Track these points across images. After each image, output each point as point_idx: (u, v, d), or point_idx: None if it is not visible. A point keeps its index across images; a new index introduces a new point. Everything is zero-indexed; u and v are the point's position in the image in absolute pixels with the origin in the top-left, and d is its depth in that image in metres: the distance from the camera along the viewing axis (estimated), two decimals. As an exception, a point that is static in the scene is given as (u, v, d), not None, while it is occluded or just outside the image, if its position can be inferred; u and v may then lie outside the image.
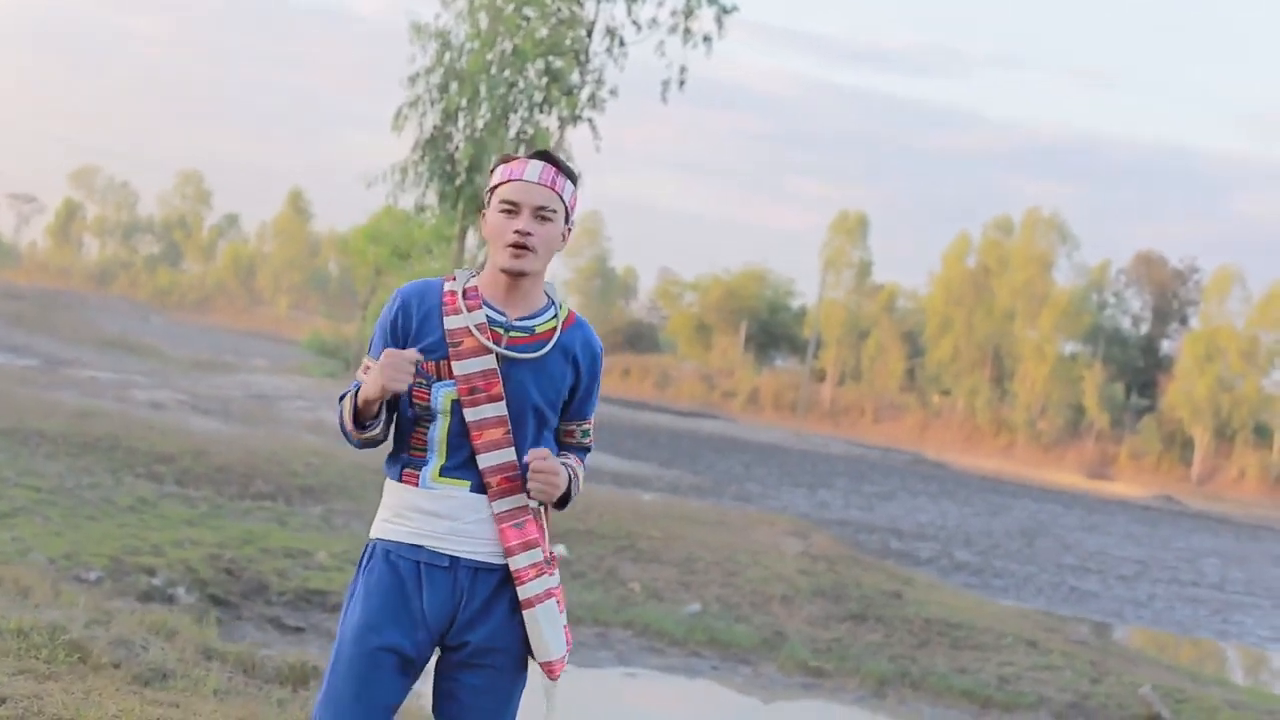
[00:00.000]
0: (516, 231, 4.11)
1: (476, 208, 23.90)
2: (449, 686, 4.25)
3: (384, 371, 4.01)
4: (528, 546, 4.16)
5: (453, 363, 4.12)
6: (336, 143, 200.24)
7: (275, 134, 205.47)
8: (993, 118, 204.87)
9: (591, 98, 24.25)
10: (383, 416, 4.17)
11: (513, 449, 4.15)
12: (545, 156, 4.24)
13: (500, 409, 4.13)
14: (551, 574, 4.25)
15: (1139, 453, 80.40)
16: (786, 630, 15.99)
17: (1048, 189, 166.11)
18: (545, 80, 23.95)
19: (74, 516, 15.39)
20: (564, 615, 4.32)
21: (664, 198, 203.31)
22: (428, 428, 4.17)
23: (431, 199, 24.38)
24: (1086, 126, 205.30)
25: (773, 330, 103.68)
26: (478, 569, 4.15)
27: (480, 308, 4.17)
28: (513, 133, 23.97)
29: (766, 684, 14.37)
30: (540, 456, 4.10)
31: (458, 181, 24.04)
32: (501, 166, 4.26)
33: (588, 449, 4.52)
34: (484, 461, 4.13)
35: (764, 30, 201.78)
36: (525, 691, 4.36)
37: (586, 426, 4.45)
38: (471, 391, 4.11)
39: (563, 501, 4.31)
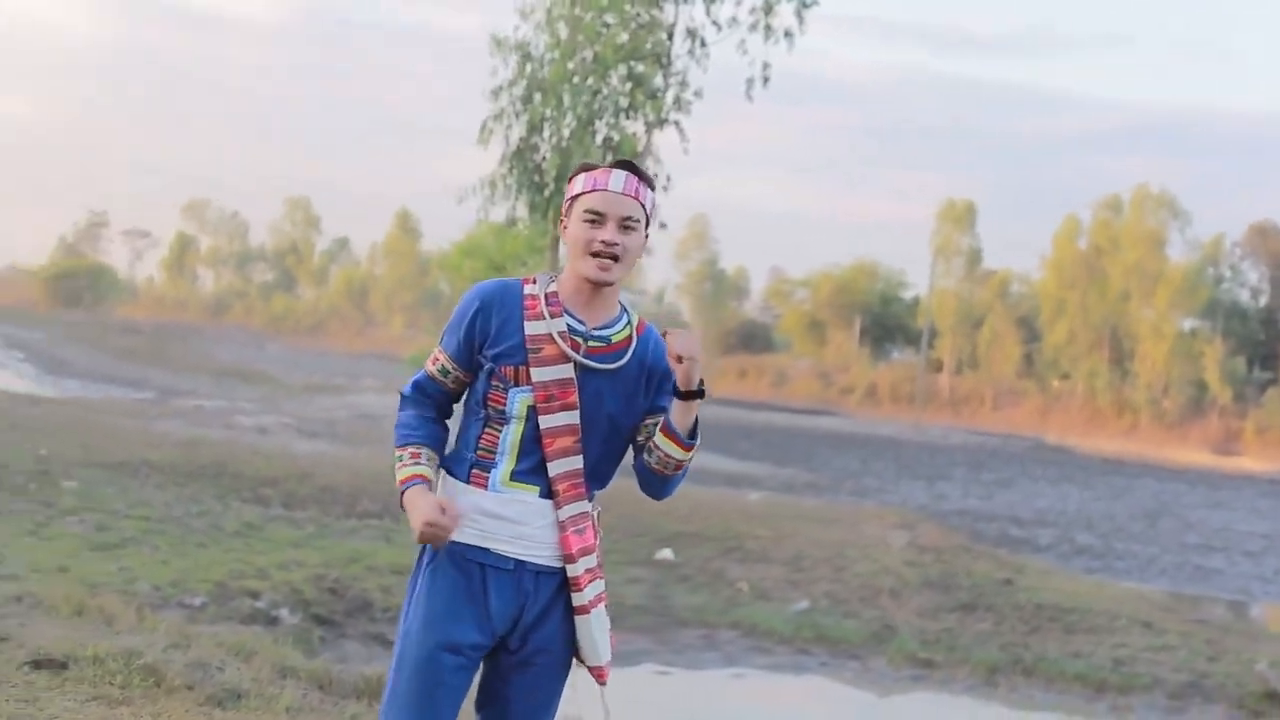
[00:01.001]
0: (603, 242, 4.07)
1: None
2: (499, 686, 4.24)
3: (423, 535, 4.00)
4: (585, 553, 4.15)
5: (531, 369, 4.08)
6: (439, 160, 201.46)
7: (378, 155, 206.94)
8: (1095, 98, 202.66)
9: (676, 100, 24.09)
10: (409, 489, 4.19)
11: (581, 457, 4.13)
12: (627, 166, 4.19)
13: (573, 417, 4.10)
14: (602, 578, 4.24)
15: (1265, 426, 79.04)
16: (895, 623, 15.86)
17: (1155, 166, 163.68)
18: (629, 86, 23.84)
19: (182, 544, 15.55)
20: (609, 620, 4.31)
21: (768, 197, 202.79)
22: (499, 430, 4.13)
23: (522, 210, 24.36)
24: (1192, 101, 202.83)
25: (886, 323, 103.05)
26: (540, 572, 4.14)
27: (562, 315, 4.13)
28: (599, 140, 23.88)
29: (876, 678, 14.27)
30: (682, 334, 4.05)
31: (546, 192, 23.97)
32: (583, 175, 4.20)
33: None
34: (555, 469, 4.11)
35: (854, 22, 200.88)
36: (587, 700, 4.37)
37: None
38: (548, 399, 4.08)
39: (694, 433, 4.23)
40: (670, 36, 24.01)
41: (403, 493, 4.09)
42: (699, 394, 4.13)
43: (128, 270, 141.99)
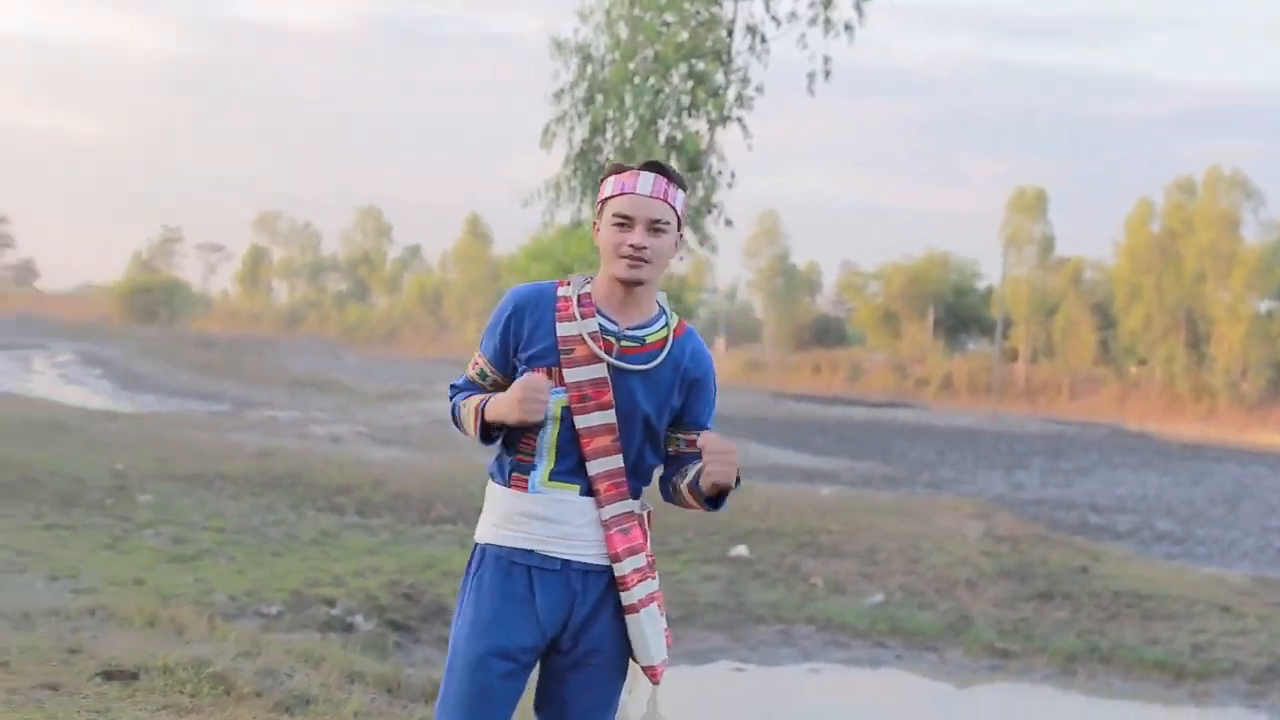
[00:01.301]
0: (632, 245, 4.09)
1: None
2: (554, 688, 4.26)
3: (522, 405, 4.01)
4: (632, 552, 4.15)
5: (564, 370, 4.11)
6: (507, 164, 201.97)
7: (446, 162, 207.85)
8: (1163, 80, 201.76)
9: (738, 97, 24.10)
10: (504, 432, 4.18)
11: (620, 456, 4.14)
12: (656, 167, 4.20)
13: (609, 417, 4.12)
14: (653, 577, 4.23)
15: (1347, 406, 78.31)
16: (971, 614, 15.79)
17: (1227, 148, 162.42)
18: (690, 84, 23.85)
19: (258, 554, 15.66)
20: (664, 619, 4.30)
21: (838, 190, 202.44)
22: (537, 433, 4.15)
23: (587, 212, 24.42)
24: (1264, 81, 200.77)
25: (960, 313, 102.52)
26: (587, 571, 4.15)
27: (594, 315, 4.15)
28: (661, 139, 23.91)
29: (952, 669, 14.21)
30: (713, 438, 4.06)
31: (611, 193, 24.07)
32: (612, 178, 4.23)
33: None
34: (594, 468, 4.12)
35: (917, 13, 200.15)
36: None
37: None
38: (582, 399, 4.10)
39: (720, 500, 4.27)
40: (730, 33, 24.02)
41: (483, 412, 4.12)
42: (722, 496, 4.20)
43: (202, 284, 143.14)
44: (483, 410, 4.11)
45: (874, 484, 30.18)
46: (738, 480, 4.15)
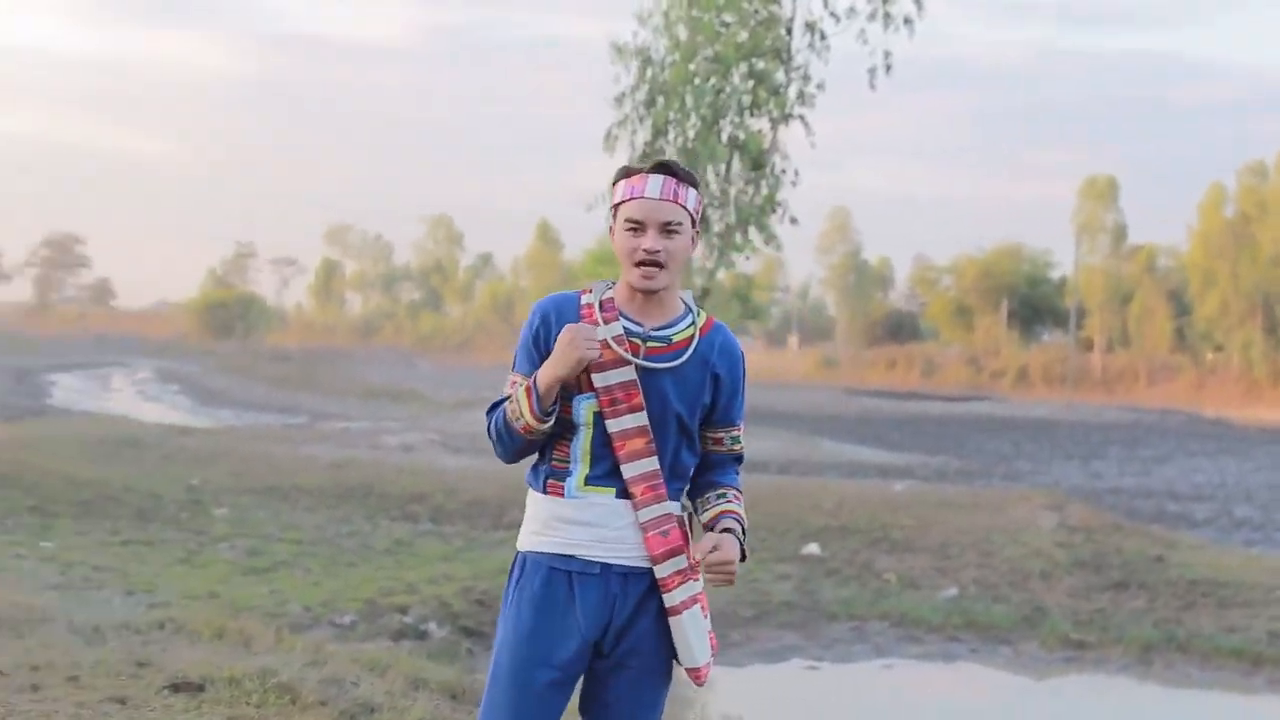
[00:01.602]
0: (645, 250, 4.09)
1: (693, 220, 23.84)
2: (598, 692, 4.27)
3: (575, 344, 4.02)
4: (672, 554, 4.15)
5: (592, 375, 4.11)
6: (575, 170, 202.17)
7: (515, 169, 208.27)
8: (1233, 64, 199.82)
9: (800, 95, 24.01)
10: (558, 405, 4.16)
11: (655, 458, 4.14)
12: (664, 168, 4.17)
13: (641, 419, 4.12)
14: (696, 579, 4.22)
15: None
16: (1046, 605, 15.72)
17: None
18: (751, 83, 23.81)
19: (333, 564, 15.80)
20: (708, 620, 4.30)
21: (908, 185, 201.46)
22: (570, 440, 4.16)
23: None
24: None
25: (1034, 304, 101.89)
26: (627, 574, 4.16)
27: (617, 319, 4.16)
28: (723, 139, 23.88)
29: (1028, 662, 14.14)
30: (708, 549, 4.07)
31: (675, 195, 24.05)
32: (622, 183, 4.22)
33: (740, 458, 4.51)
34: (628, 472, 4.12)
35: (983, 4, 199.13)
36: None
37: (736, 433, 4.41)
38: (612, 403, 4.10)
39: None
40: (789, 31, 23.91)
41: (533, 386, 4.11)
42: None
43: (276, 298, 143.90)
44: (534, 382, 4.11)
45: (949, 478, 30.04)
46: (743, 555, 4.22)
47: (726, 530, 4.21)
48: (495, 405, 4.26)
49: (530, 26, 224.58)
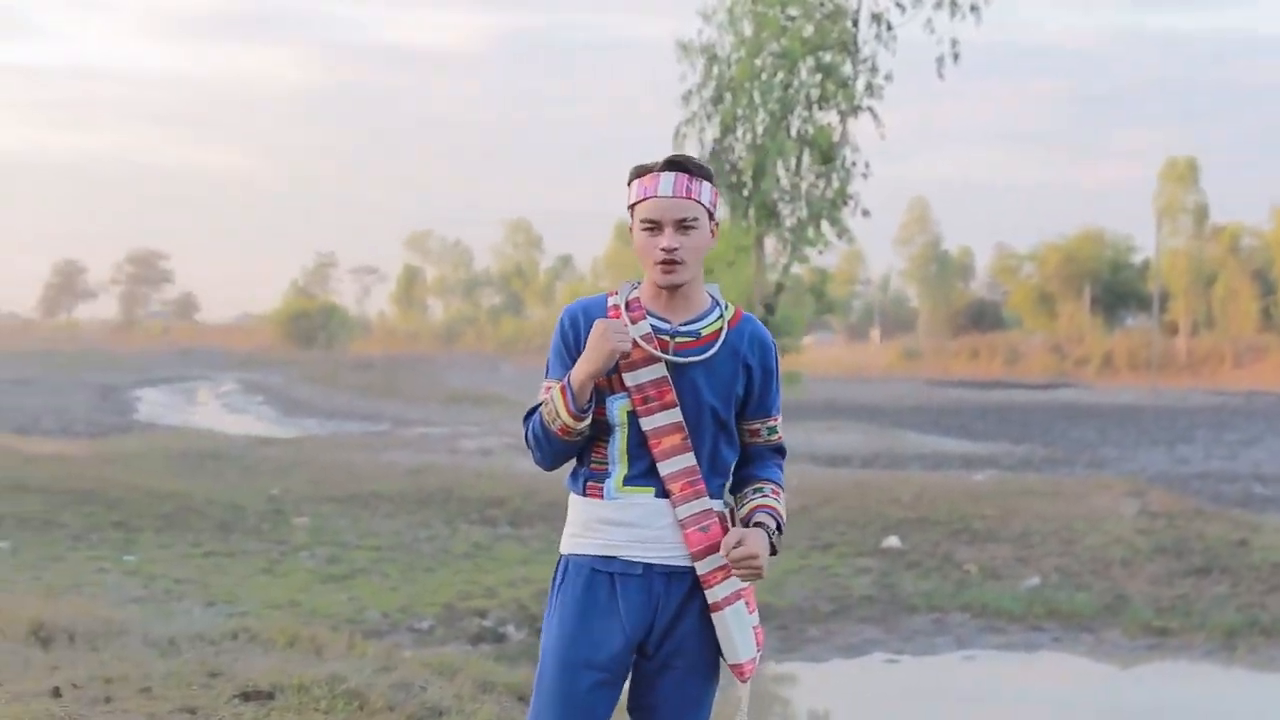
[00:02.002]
0: (663, 249, 4.10)
1: (766, 214, 23.86)
2: (644, 692, 4.27)
3: (606, 337, 4.02)
4: (712, 550, 4.14)
5: (623, 374, 4.12)
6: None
7: (590, 169, 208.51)
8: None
9: (868, 86, 24.00)
10: (594, 403, 4.15)
11: (692, 454, 4.14)
12: (675, 165, 4.18)
13: (675, 415, 4.12)
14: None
15: None
16: (1128, 593, 15.60)
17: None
18: (818, 77, 23.81)
19: (411, 570, 15.88)
20: (754, 616, 4.29)
21: (987, 173, 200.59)
22: (606, 442, 4.17)
23: (722, 211, 24.43)
24: None
25: (1117, 289, 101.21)
26: (670, 574, 4.16)
27: (644, 318, 4.17)
28: (792, 133, 23.87)
29: (1110, 650, 14.02)
30: (733, 544, 4.05)
31: (745, 191, 24.05)
32: (636, 183, 4.22)
33: (780, 449, 4.46)
34: (665, 469, 4.13)
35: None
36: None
37: (773, 423, 4.38)
38: (645, 401, 4.11)
39: (772, 550, 4.29)
40: (855, 23, 23.93)
41: (567, 385, 4.10)
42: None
43: (358, 307, 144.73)
44: (568, 381, 4.11)
45: (1034, 466, 29.84)
46: (774, 549, 4.19)
47: (758, 525, 4.19)
48: (531, 412, 4.27)
49: (601, 28, 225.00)
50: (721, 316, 4.24)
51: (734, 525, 4.25)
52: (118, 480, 20.25)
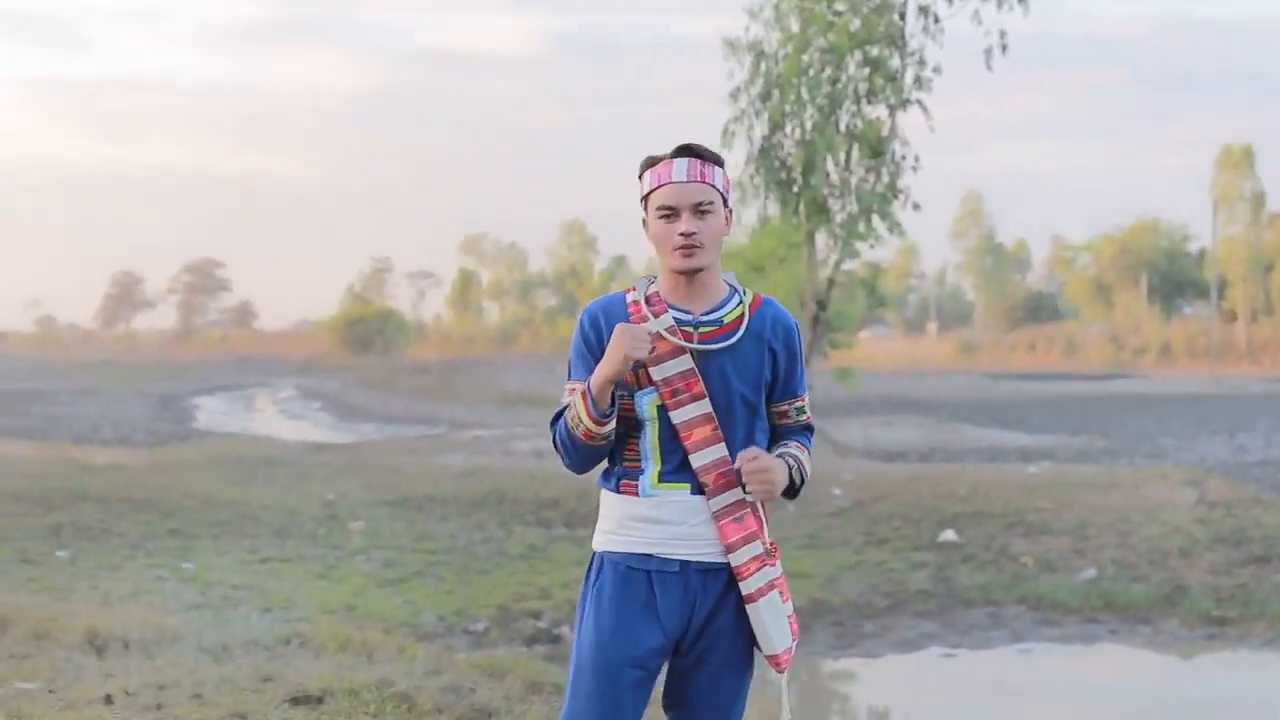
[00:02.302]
0: (681, 234, 4.12)
1: (817, 209, 23.82)
2: (681, 688, 4.27)
3: (625, 342, 4.01)
4: (748, 540, 4.15)
5: (650, 369, 4.13)
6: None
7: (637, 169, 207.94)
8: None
9: (916, 79, 23.93)
10: (616, 407, 4.14)
11: (723, 444, 4.15)
12: (687, 151, 4.22)
13: (705, 406, 4.13)
14: (773, 565, 4.23)
15: None
16: (1186, 583, 15.50)
17: None
18: (866, 71, 23.75)
19: (466, 572, 15.92)
20: (789, 605, 4.29)
21: (1040, 164, 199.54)
22: (638, 438, 4.18)
23: (773, 208, 24.44)
24: None
25: (1174, 279, 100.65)
26: (706, 570, 4.17)
27: (666, 311, 4.18)
28: (841, 128, 23.82)
29: (1169, 641, 13.96)
30: (749, 457, 4.08)
31: (795, 188, 24.01)
32: (648, 173, 4.25)
33: (808, 427, 4.48)
34: (697, 461, 4.14)
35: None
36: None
37: (800, 404, 4.41)
38: (674, 394, 4.12)
39: (791, 492, 4.29)
40: (902, 16, 23.87)
41: (587, 390, 4.10)
42: (793, 493, 4.26)
43: (413, 312, 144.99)
44: (588, 386, 4.11)
45: (1091, 457, 29.68)
46: (797, 488, 4.21)
47: (781, 453, 4.23)
48: (557, 416, 4.27)
49: (651, 28, 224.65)
50: (741, 303, 4.26)
51: (766, 515, 4.27)
52: (174, 488, 20.36)
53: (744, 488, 4.15)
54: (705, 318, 4.19)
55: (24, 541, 16.27)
